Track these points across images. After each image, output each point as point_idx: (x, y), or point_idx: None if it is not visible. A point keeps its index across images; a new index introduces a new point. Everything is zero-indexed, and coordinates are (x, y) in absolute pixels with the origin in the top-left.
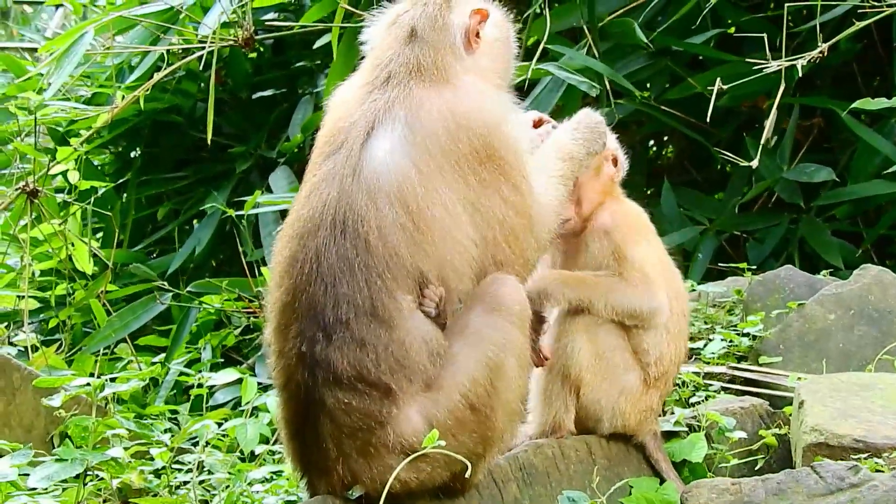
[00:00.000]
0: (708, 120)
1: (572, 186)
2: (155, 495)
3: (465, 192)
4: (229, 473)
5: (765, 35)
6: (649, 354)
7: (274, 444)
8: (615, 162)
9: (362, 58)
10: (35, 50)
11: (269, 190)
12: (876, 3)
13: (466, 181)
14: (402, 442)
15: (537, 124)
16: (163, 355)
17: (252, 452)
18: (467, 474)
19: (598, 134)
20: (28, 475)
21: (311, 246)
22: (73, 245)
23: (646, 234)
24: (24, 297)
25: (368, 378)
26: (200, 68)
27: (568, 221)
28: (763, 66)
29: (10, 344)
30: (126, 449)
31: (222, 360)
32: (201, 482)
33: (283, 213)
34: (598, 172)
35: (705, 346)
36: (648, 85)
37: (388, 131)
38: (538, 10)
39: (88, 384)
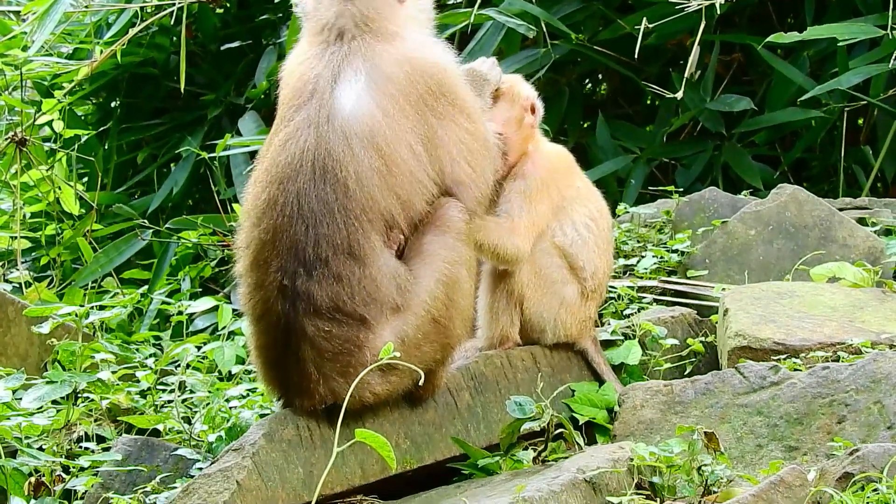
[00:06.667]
0: (637, 57)
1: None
2: (142, 413)
3: (425, 130)
4: (209, 392)
5: None
6: (585, 270)
7: (249, 364)
8: (533, 110)
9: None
10: (19, 11)
11: (239, 133)
12: None
13: (426, 119)
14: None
15: None
16: (146, 287)
17: (229, 372)
18: (420, 382)
19: (478, 75)
20: (21, 399)
21: (291, 189)
22: (60, 189)
23: (561, 178)
24: (16, 237)
25: (345, 309)
26: (172, 24)
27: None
28: (685, 6)
29: (6, 281)
30: (113, 373)
31: (200, 289)
32: (184, 401)
33: (253, 154)
34: (520, 124)
35: (638, 262)
36: (582, 27)
37: (351, 80)
38: None
39: (75, 312)
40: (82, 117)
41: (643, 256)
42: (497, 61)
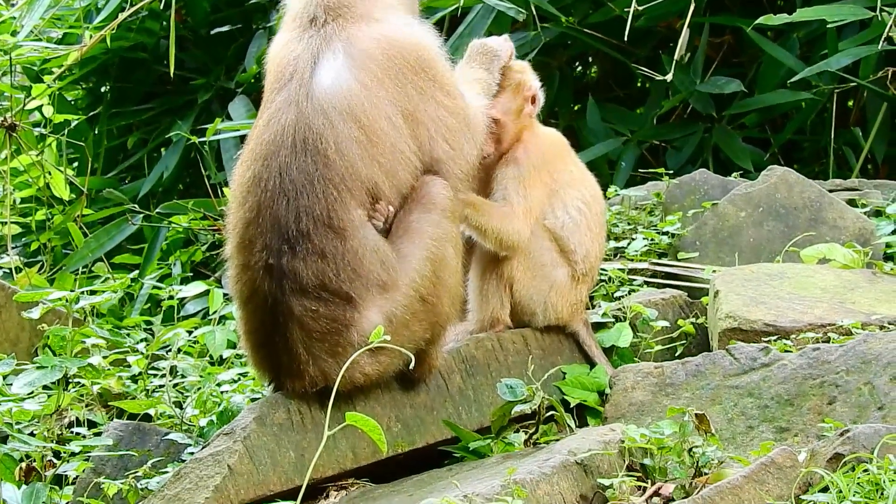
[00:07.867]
0: (627, 40)
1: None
2: (133, 398)
3: (405, 103)
4: (200, 376)
5: None
6: (576, 253)
7: (240, 348)
8: (533, 100)
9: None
10: None
11: (229, 117)
12: None
13: (406, 91)
14: (367, 340)
15: None
16: (136, 272)
17: (220, 357)
18: (411, 365)
19: (488, 50)
20: (12, 384)
21: (274, 165)
22: (50, 174)
23: (554, 163)
24: (6, 223)
25: (331, 287)
26: (161, 8)
27: (488, 157)
28: None
29: None
30: (104, 357)
31: (191, 274)
32: (175, 385)
33: (243, 139)
34: (520, 114)
35: (629, 244)
36: (572, 10)
37: (330, 60)
38: None
39: (65, 297)
40: (72, 102)
41: (634, 239)
42: (508, 38)
